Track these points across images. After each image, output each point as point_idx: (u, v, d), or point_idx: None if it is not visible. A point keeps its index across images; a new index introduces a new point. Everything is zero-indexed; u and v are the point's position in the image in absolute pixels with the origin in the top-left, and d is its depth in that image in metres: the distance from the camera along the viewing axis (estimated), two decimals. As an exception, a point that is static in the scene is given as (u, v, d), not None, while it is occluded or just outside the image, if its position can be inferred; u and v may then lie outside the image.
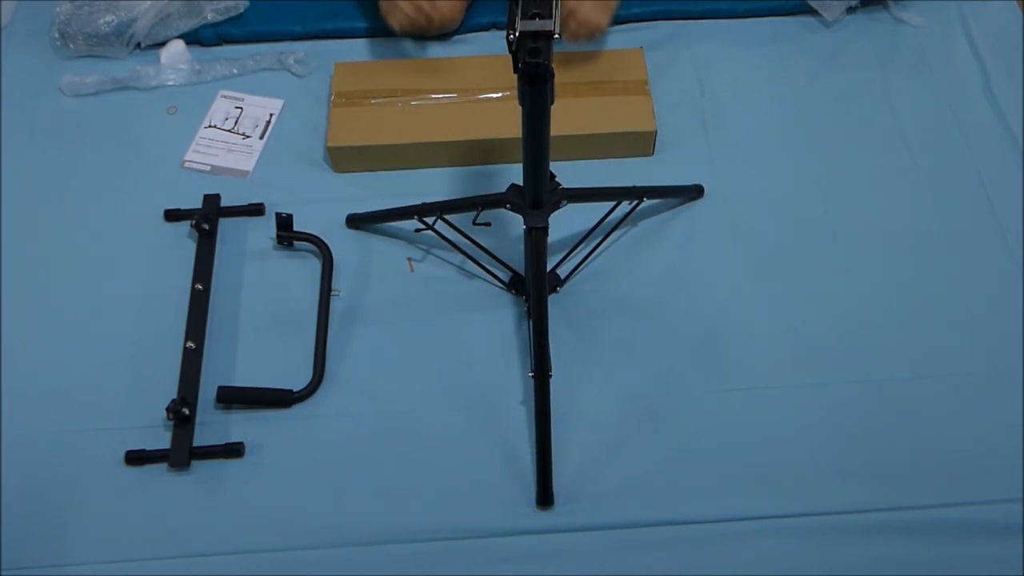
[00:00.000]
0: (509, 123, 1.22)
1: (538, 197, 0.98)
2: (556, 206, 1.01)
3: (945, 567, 0.94)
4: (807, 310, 1.12)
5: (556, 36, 0.76)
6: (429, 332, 1.11)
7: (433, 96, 1.27)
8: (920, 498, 0.98)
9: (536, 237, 0.99)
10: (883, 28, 1.40)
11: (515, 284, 1.14)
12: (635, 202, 1.13)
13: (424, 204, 1.10)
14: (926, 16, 1.40)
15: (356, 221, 1.19)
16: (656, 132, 1.23)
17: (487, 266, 1.15)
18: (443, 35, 1.38)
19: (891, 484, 0.99)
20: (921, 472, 1.00)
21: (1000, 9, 1.42)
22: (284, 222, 1.16)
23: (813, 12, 1.40)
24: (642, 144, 1.24)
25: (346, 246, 1.18)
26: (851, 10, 1.40)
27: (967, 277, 1.14)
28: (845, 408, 1.05)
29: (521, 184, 0.98)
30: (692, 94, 1.33)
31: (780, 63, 1.36)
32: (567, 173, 1.02)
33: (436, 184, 1.23)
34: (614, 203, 1.13)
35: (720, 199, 1.21)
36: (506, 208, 1.02)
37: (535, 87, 0.80)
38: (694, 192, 1.21)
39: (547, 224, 1.00)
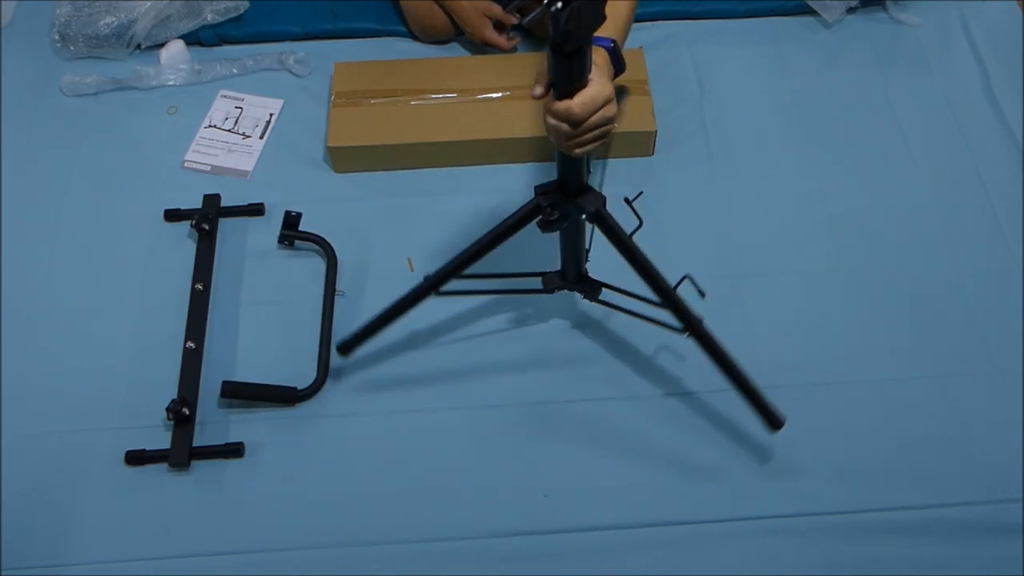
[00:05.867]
0: (509, 123, 1.23)
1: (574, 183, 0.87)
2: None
3: (945, 567, 0.94)
4: (807, 309, 1.12)
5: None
6: (430, 332, 1.11)
7: (433, 96, 1.27)
8: (920, 498, 0.98)
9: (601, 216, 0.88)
10: (883, 28, 1.40)
11: (552, 281, 1.04)
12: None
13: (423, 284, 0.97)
14: (926, 16, 1.40)
15: (348, 348, 1.07)
16: (656, 132, 1.23)
17: (517, 287, 1.06)
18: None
19: (891, 484, 0.99)
20: (921, 472, 1.00)
21: (1000, 9, 1.42)
22: (292, 221, 1.16)
23: (813, 12, 1.40)
24: (642, 144, 1.24)
25: (346, 246, 1.18)
26: (851, 10, 1.40)
27: (967, 277, 1.14)
28: (845, 408, 1.05)
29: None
30: (692, 94, 1.33)
31: (780, 63, 1.36)
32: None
33: (436, 184, 1.23)
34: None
35: (720, 198, 1.21)
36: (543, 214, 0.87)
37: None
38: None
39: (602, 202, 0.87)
